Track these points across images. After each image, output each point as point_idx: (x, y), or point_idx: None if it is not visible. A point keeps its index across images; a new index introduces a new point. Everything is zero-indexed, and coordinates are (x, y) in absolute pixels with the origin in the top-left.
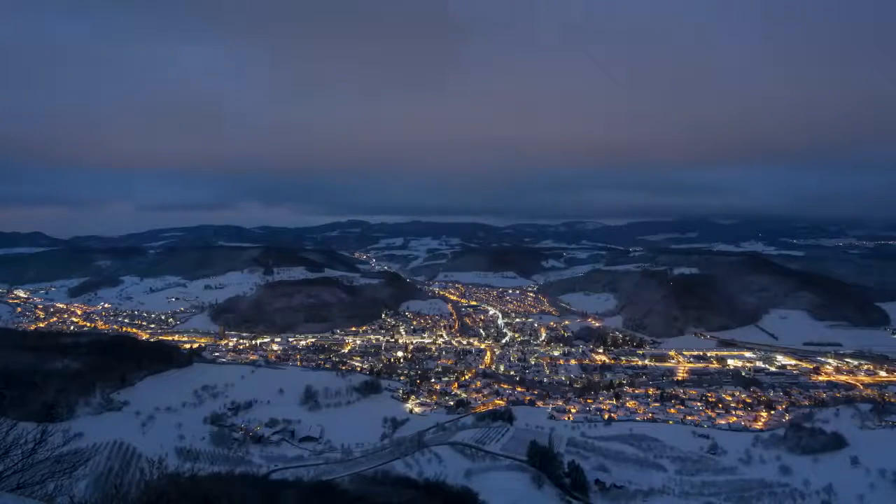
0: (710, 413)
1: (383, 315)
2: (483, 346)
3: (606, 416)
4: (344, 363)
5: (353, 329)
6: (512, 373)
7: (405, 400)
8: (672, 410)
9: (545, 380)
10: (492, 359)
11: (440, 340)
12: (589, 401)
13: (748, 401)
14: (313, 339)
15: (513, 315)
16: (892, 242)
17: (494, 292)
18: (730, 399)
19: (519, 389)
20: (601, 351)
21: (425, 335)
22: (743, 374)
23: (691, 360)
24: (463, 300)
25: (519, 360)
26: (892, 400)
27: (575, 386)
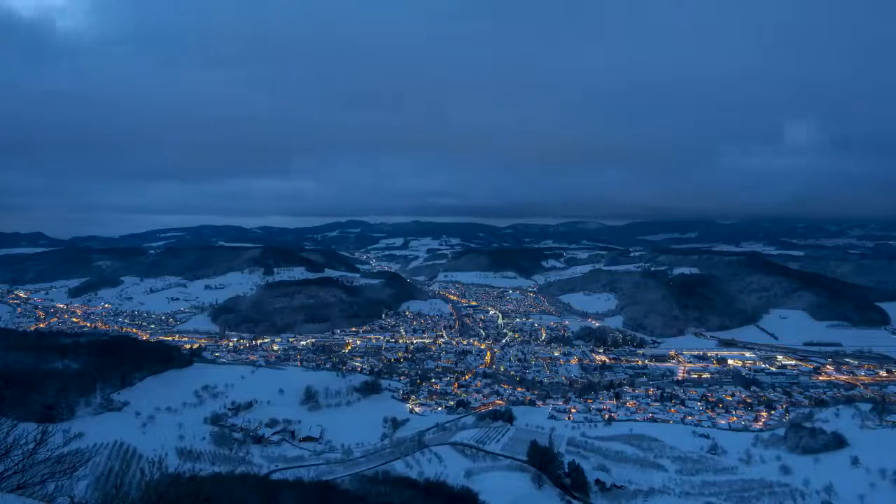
0: (710, 413)
1: (383, 315)
2: (483, 347)
3: (607, 416)
4: (344, 363)
5: (354, 329)
6: (512, 373)
7: (405, 400)
8: (672, 410)
9: (545, 380)
10: (492, 359)
11: (440, 340)
12: (589, 401)
13: (748, 401)
14: (313, 340)
15: (513, 315)
16: (892, 242)
17: (494, 292)
18: (730, 399)
19: (519, 389)
20: (601, 351)
21: (425, 335)
22: (743, 373)
23: (691, 360)
24: (463, 300)
25: (519, 360)
26: (893, 400)
27: (575, 386)
